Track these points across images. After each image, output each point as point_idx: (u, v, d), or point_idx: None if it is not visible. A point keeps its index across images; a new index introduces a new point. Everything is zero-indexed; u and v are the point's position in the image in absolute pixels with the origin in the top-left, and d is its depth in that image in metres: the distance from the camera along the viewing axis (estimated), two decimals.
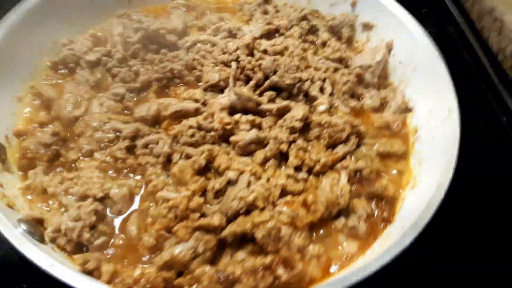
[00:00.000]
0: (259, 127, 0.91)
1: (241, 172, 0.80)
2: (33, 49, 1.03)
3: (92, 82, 1.01)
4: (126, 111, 0.98)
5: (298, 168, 0.86)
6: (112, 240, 0.79)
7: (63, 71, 1.05)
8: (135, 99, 1.00)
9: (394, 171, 0.91)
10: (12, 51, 0.97)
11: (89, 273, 0.73)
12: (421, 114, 0.97)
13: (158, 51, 1.07)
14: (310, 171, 0.86)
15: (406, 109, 1.00)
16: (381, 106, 1.02)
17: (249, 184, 0.79)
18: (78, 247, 0.78)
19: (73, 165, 0.87)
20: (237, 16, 1.22)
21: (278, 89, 0.98)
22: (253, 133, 0.86)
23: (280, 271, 0.71)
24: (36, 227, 0.77)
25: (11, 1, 1.01)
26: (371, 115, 1.00)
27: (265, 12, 1.20)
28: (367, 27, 1.13)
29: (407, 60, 1.03)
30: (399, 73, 1.05)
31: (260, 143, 0.87)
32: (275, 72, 0.98)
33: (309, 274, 0.73)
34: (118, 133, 0.90)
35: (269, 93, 0.97)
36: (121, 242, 0.79)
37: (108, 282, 0.71)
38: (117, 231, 0.81)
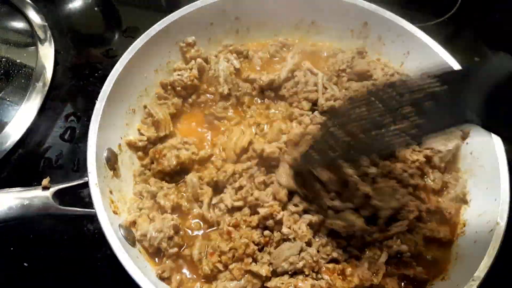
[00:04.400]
0: None
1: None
2: (151, 68, 1.21)
3: None
4: None
5: None
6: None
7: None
8: None
9: (432, 256, 0.98)
10: (135, 69, 1.14)
11: (163, 279, 0.94)
12: (474, 212, 1.01)
13: None
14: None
15: (462, 200, 1.05)
16: (441, 190, 1.07)
17: (300, 251, 0.92)
18: (157, 251, 0.98)
19: None
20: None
21: None
22: None
23: None
24: (130, 231, 0.98)
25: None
26: (429, 196, 1.06)
27: None
28: None
29: (477, 153, 1.06)
30: (467, 162, 1.08)
31: None
32: None
33: None
34: None
35: None
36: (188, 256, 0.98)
37: None
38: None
